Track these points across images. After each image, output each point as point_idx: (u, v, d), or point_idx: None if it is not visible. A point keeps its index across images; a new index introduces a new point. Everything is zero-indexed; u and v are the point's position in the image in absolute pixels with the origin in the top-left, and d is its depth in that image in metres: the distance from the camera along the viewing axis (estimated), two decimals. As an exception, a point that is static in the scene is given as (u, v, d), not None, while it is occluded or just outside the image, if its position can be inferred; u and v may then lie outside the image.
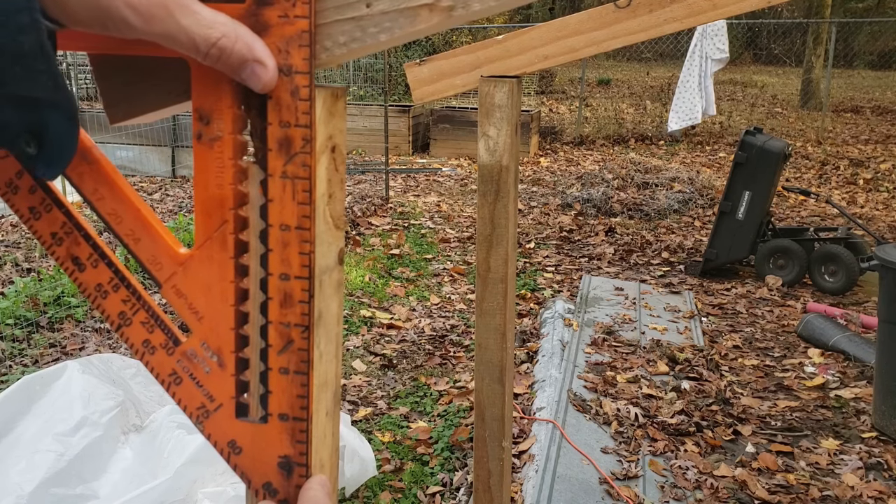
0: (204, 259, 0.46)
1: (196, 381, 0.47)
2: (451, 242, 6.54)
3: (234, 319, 0.46)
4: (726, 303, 5.09)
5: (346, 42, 0.43)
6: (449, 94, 1.60)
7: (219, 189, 0.44)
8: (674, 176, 8.44)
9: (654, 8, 1.42)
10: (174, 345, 0.47)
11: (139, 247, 0.47)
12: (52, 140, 0.40)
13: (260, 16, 0.42)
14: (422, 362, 4.13)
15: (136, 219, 0.47)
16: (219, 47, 0.40)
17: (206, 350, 0.46)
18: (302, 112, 0.43)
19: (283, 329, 0.45)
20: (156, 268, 0.47)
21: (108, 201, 0.47)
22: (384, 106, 8.04)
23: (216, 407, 0.47)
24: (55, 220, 0.48)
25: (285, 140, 0.43)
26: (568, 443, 3.13)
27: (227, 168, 0.44)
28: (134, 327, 0.48)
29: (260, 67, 0.41)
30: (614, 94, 17.34)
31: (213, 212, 0.45)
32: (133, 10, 0.39)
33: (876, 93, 18.92)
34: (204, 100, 0.44)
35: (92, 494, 2.19)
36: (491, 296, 1.50)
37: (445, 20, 0.43)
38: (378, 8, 0.42)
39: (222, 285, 0.46)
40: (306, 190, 0.43)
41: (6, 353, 3.83)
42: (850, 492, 2.86)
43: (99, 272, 0.48)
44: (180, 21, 0.39)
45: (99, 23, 0.39)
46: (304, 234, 0.44)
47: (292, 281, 0.44)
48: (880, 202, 8.02)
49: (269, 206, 0.44)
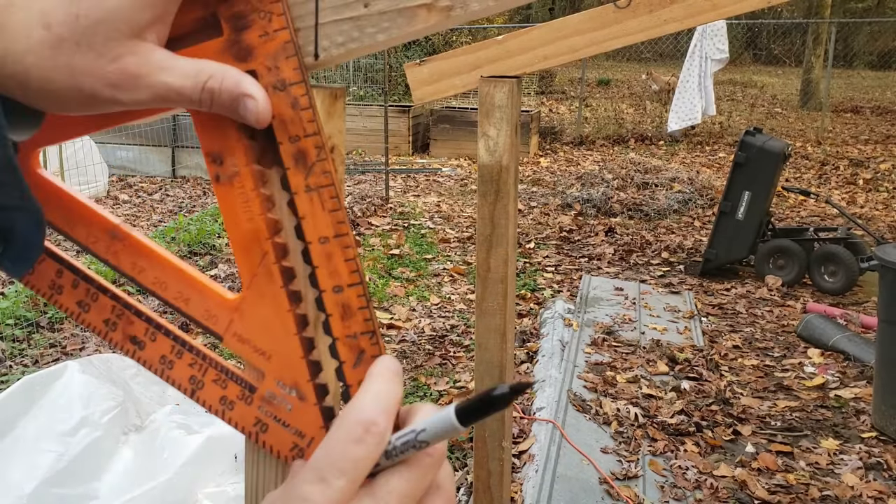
0: (255, 298, 0.45)
1: (282, 423, 0.45)
2: (451, 242, 6.54)
3: (301, 348, 0.44)
4: (726, 303, 5.09)
5: (344, 42, 0.43)
6: (449, 94, 1.60)
7: (250, 223, 0.44)
8: (674, 176, 8.44)
9: (653, 8, 1.42)
10: (251, 392, 0.46)
11: (190, 307, 0.46)
12: (19, 238, 0.40)
13: (241, 42, 0.42)
14: (422, 362, 4.13)
15: (179, 280, 0.46)
16: (208, 91, 0.41)
17: (283, 387, 0.45)
18: (307, 121, 0.42)
19: (352, 341, 0.44)
20: (212, 322, 0.46)
21: (149, 271, 0.46)
22: (384, 106, 8.04)
23: (308, 442, 0.45)
24: (104, 306, 0.47)
25: (299, 154, 0.43)
26: (568, 443, 3.13)
27: (252, 200, 0.43)
28: (207, 388, 0.46)
29: (250, 101, 0.41)
30: (614, 94, 17.34)
31: (251, 247, 0.44)
32: (115, 87, 0.39)
33: (876, 93, 18.92)
34: (212, 142, 0.44)
35: (92, 494, 2.19)
36: (491, 296, 1.50)
37: (444, 20, 0.43)
38: (376, 8, 0.42)
39: (280, 317, 0.44)
40: (334, 196, 0.43)
41: (6, 353, 3.84)
42: (850, 492, 2.86)
43: (159, 345, 0.47)
44: (164, 80, 0.40)
45: (87, 107, 0.40)
46: (344, 240, 0.43)
47: (346, 290, 0.43)
48: (880, 202, 8.02)
49: (302, 224, 0.43)
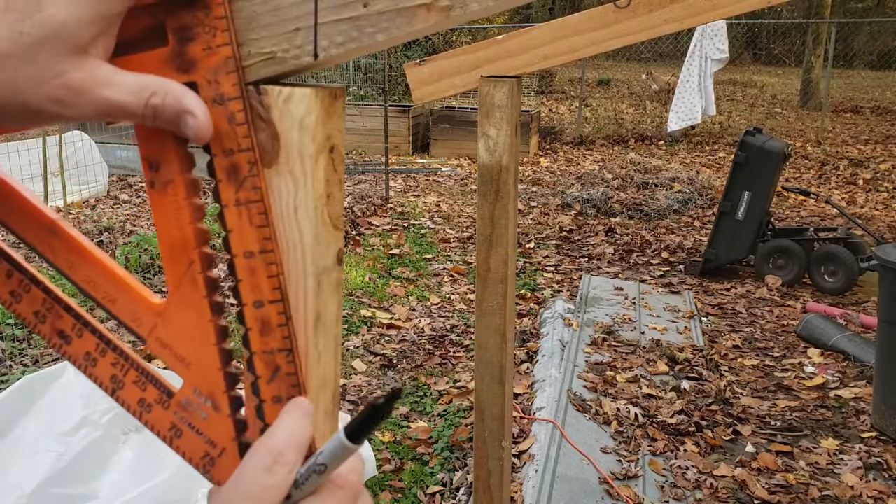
0: (179, 305, 0.45)
1: (196, 430, 0.46)
2: (451, 242, 6.54)
3: (219, 359, 0.45)
4: (726, 303, 5.09)
5: (344, 42, 0.43)
6: (449, 94, 1.60)
7: (179, 231, 0.44)
8: (673, 176, 8.44)
9: (653, 8, 1.42)
10: (168, 397, 0.46)
11: (117, 307, 0.47)
12: None
13: (185, 54, 0.43)
14: (422, 362, 4.13)
15: (110, 281, 0.47)
16: (151, 106, 0.41)
17: (199, 396, 0.45)
18: (242, 136, 0.43)
19: (269, 357, 0.44)
20: (136, 324, 0.46)
21: (81, 269, 0.47)
22: (384, 106, 8.03)
23: (219, 452, 0.45)
24: (35, 298, 0.48)
25: (232, 168, 0.43)
26: (568, 443, 3.13)
27: (183, 209, 0.44)
28: (127, 389, 0.47)
29: (191, 118, 0.41)
30: (614, 94, 17.33)
31: (178, 255, 0.45)
32: (59, 103, 0.40)
33: (876, 93, 18.91)
34: (150, 147, 0.44)
35: (92, 494, 2.19)
36: (491, 296, 1.50)
37: (444, 20, 0.43)
38: (375, 8, 0.42)
39: (202, 327, 0.45)
40: (262, 213, 0.43)
41: (6, 353, 3.84)
42: (850, 492, 2.86)
43: (85, 341, 0.48)
44: (108, 96, 0.41)
45: (30, 121, 0.41)
46: (268, 256, 0.44)
47: (267, 307, 0.44)
48: (880, 202, 8.02)
49: (229, 237, 0.44)
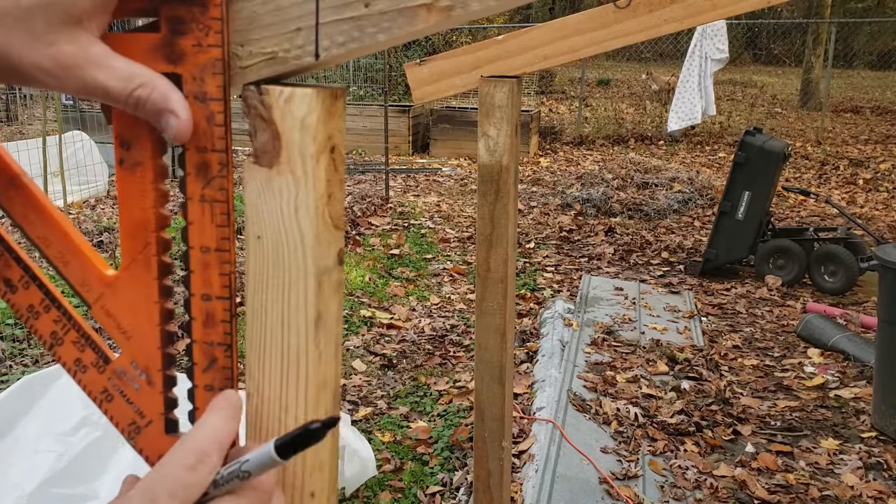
0: (130, 280, 0.47)
1: (126, 399, 0.48)
2: (451, 242, 6.54)
3: (160, 339, 0.47)
4: (726, 303, 5.09)
5: (345, 42, 0.43)
6: (449, 94, 1.60)
7: (141, 212, 0.46)
8: (673, 176, 8.44)
9: (653, 8, 1.42)
10: (104, 363, 0.48)
11: (68, 269, 0.48)
12: None
13: (175, 45, 0.43)
14: (422, 362, 4.13)
15: (64, 242, 0.48)
16: (135, 97, 0.41)
17: (136, 368, 0.48)
18: (217, 137, 0.44)
19: (207, 348, 0.46)
20: (84, 289, 0.48)
21: (38, 225, 0.48)
22: (384, 106, 8.03)
23: (146, 423, 0.48)
24: None
25: (202, 165, 0.44)
26: (568, 443, 3.13)
27: (148, 192, 0.45)
28: (66, 346, 0.49)
29: (173, 118, 0.42)
30: (614, 94, 17.33)
31: (136, 234, 0.46)
32: (46, 73, 0.40)
33: (875, 93, 18.91)
34: (124, 127, 0.45)
35: (92, 494, 2.19)
36: (491, 296, 1.50)
37: (444, 20, 0.43)
38: (376, 8, 0.42)
39: (148, 306, 0.47)
40: (224, 213, 0.45)
41: (6, 353, 3.83)
42: (850, 492, 2.86)
43: (30, 294, 0.49)
44: (95, 77, 0.41)
45: (15, 80, 0.41)
46: (224, 255, 0.45)
47: (214, 301, 0.46)
48: (880, 202, 8.02)
49: (189, 229, 0.45)
